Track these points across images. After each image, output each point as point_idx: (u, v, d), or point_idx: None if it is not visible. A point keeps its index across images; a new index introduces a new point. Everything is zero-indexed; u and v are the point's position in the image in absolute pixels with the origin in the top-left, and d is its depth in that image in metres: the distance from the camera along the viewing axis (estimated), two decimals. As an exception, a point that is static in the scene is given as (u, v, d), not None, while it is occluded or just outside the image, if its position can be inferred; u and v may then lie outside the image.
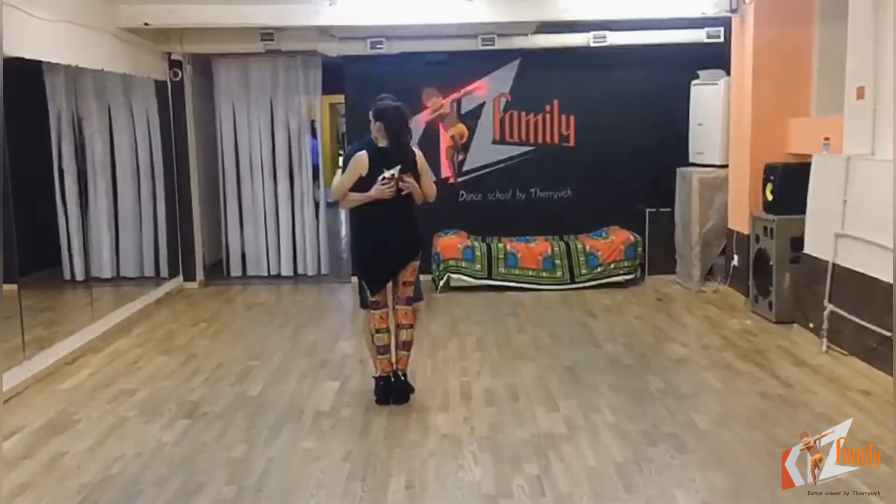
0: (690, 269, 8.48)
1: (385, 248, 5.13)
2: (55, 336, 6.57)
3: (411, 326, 5.28)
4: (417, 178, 5.13)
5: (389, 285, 5.22)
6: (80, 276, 8.30)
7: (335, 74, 9.24)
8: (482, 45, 8.75)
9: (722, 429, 4.76)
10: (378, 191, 4.99)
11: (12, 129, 5.88)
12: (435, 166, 9.14)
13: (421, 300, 5.52)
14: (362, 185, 5.04)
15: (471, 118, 9.20)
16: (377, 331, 5.21)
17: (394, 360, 5.27)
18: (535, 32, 8.70)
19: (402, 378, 5.27)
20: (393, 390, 5.23)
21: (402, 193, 5.06)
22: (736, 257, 7.97)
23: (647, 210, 8.99)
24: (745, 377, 5.69)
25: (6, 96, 5.75)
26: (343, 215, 14.34)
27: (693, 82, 8.68)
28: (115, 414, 5.21)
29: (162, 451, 4.58)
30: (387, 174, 4.97)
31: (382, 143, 5.07)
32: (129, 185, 8.88)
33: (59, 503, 3.99)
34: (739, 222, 7.88)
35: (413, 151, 5.18)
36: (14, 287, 6.03)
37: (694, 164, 8.65)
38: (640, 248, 8.79)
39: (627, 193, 9.03)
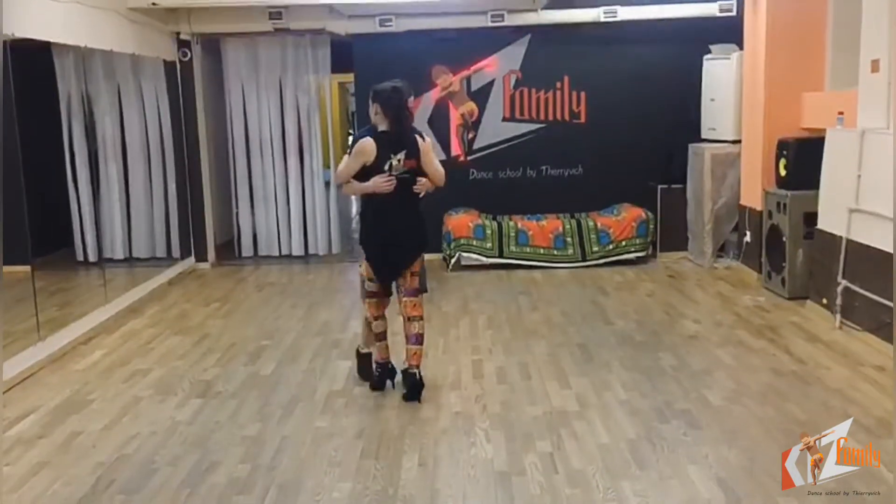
0: (702, 245, 8.44)
1: (392, 247, 4.90)
2: (69, 317, 6.62)
3: (421, 318, 5.02)
4: (420, 164, 4.84)
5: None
6: (92, 258, 8.31)
7: (344, 53, 9.20)
8: (491, 21, 8.68)
9: (735, 405, 4.76)
10: (375, 185, 4.77)
11: (23, 110, 5.88)
12: (445, 144, 9.14)
13: (426, 291, 5.18)
14: (368, 173, 4.80)
15: (481, 96, 9.15)
16: (375, 318, 5.07)
17: (404, 354, 5.06)
18: (545, 8, 8.62)
19: (416, 375, 4.95)
20: (406, 387, 4.97)
21: (413, 188, 4.84)
22: (748, 233, 7.92)
23: (659, 187, 8.93)
24: (757, 354, 5.68)
25: (16, 78, 5.77)
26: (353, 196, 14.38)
27: (705, 57, 8.60)
28: (129, 394, 5.25)
29: (176, 430, 4.62)
30: (393, 161, 4.77)
31: (383, 127, 4.78)
32: (140, 166, 8.88)
33: (75, 482, 4.03)
34: (752, 198, 7.83)
35: (415, 136, 4.86)
36: (27, 268, 6.05)
37: (706, 140, 8.58)
38: (651, 226, 8.75)
39: (639, 170, 8.97)
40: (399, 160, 4.78)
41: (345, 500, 3.77)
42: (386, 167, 4.78)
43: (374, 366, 5.22)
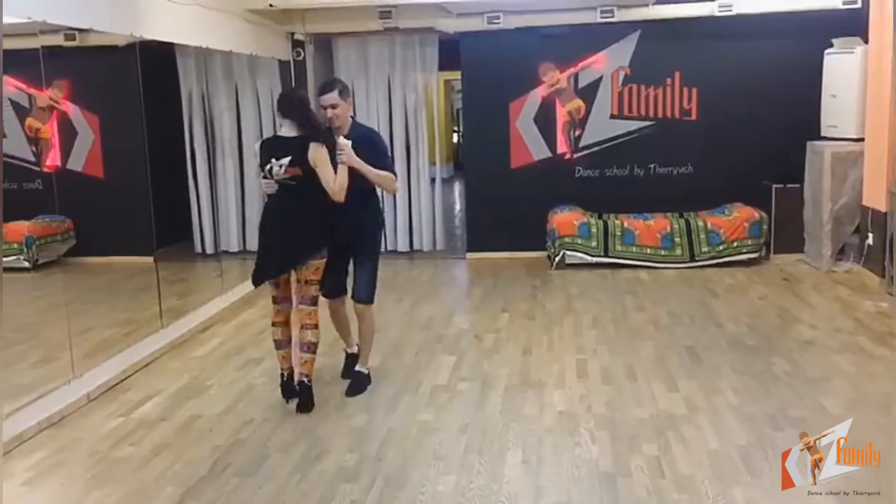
0: (820, 247, 8.09)
1: (269, 251, 4.81)
2: (188, 306, 6.94)
3: (316, 327, 4.87)
4: (311, 171, 4.65)
5: (294, 281, 4.87)
6: (209, 250, 8.70)
7: (451, 50, 9.26)
8: (601, 17, 8.57)
9: (854, 414, 4.51)
10: (262, 186, 4.79)
11: (148, 109, 6.22)
12: (551, 142, 9.08)
13: (369, 303, 5.19)
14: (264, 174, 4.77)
15: (588, 92, 9.04)
16: (272, 324, 4.97)
17: (296, 361, 4.91)
18: (657, 3, 8.44)
19: (307, 384, 4.85)
20: (297, 395, 4.89)
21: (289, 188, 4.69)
22: (871, 236, 7.55)
23: (774, 186, 8.62)
24: (879, 361, 5.41)
25: (143, 78, 6.11)
26: (457, 191, 14.46)
27: (826, 51, 8.23)
28: (243, 381, 5.47)
29: (287, 418, 4.78)
30: (274, 166, 4.65)
31: (281, 132, 4.79)
32: (255, 163, 9.19)
33: (194, 463, 4.23)
34: (876, 199, 7.45)
35: (309, 144, 4.63)
36: (151, 259, 6.41)
37: (826, 138, 8.22)
38: (765, 226, 8.45)
39: (753, 169, 8.67)
40: (281, 166, 4.65)
41: (449, 494, 3.81)
42: (267, 170, 4.71)
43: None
